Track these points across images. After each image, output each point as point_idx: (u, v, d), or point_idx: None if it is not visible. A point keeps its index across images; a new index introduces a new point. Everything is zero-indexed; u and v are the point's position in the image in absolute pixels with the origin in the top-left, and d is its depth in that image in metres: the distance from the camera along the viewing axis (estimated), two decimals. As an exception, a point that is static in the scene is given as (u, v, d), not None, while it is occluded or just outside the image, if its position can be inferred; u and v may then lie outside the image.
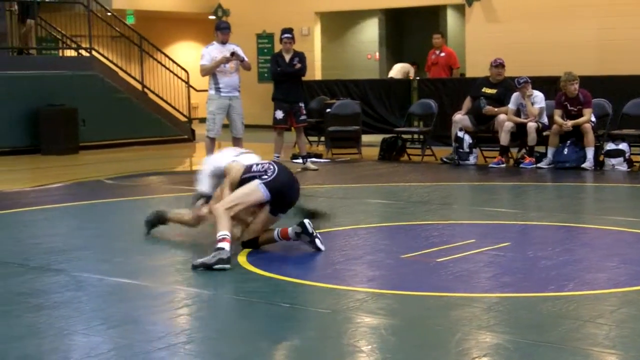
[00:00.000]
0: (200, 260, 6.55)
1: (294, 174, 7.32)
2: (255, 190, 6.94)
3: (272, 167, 7.09)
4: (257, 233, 7.13)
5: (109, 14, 19.61)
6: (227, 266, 6.50)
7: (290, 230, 7.07)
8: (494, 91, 13.56)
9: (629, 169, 12.28)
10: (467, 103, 13.79)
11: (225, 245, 6.59)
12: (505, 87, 13.49)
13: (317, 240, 7.07)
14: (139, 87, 19.09)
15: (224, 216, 6.77)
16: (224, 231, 6.68)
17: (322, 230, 7.88)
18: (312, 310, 5.53)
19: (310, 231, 7.05)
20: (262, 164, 7.17)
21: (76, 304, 5.70)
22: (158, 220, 7.73)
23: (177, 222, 7.79)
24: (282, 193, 7.05)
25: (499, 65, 13.68)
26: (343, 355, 4.68)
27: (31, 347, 4.81)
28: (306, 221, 7.06)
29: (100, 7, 19.39)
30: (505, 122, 13.01)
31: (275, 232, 7.12)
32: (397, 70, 18.95)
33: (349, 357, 4.66)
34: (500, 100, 13.41)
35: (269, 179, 6.96)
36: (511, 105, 13.15)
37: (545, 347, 4.67)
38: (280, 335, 5.16)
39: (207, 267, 6.49)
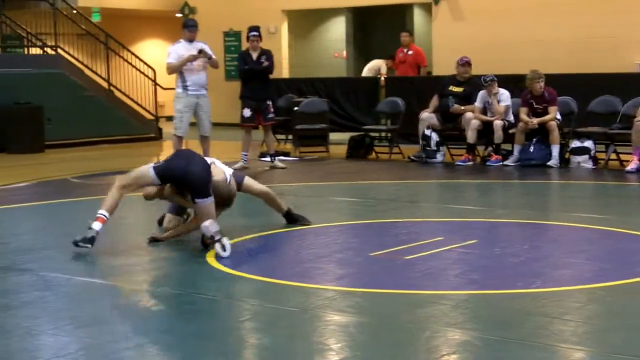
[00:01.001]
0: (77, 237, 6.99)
1: (197, 162, 7.20)
2: (146, 173, 7.17)
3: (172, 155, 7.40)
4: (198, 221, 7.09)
5: (74, 11, 19.47)
6: (88, 245, 6.88)
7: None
8: (460, 89, 13.62)
9: (594, 167, 12.38)
10: (434, 101, 13.84)
11: (96, 225, 6.97)
12: (471, 85, 13.55)
13: (216, 246, 6.87)
14: (105, 85, 18.98)
15: (113, 192, 7.14)
16: (102, 210, 7.06)
17: (290, 229, 7.92)
18: (281, 309, 5.52)
19: (208, 235, 6.90)
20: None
21: (44, 304, 5.67)
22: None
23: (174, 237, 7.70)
24: (173, 179, 7.15)
25: (465, 63, 13.74)
26: (312, 353, 4.68)
27: (-1, 348, 4.79)
28: (217, 247, 6.86)
29: (66, 5, 19.25)
30: (471, 120, 13.07)
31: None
32: (368, 69, 18.94)
33: (318, 355, 4.67)
34: (467, 98, 13.47)
35: (159, 164, 7.19)
36: (477, 104, 13.22)
37: (513, 344, 4.71)
38: (250, 334, 5.16)
39: (75, 244, 6.94)
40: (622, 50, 16.19)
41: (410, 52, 17.20)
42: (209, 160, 7.53)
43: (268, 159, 13.29)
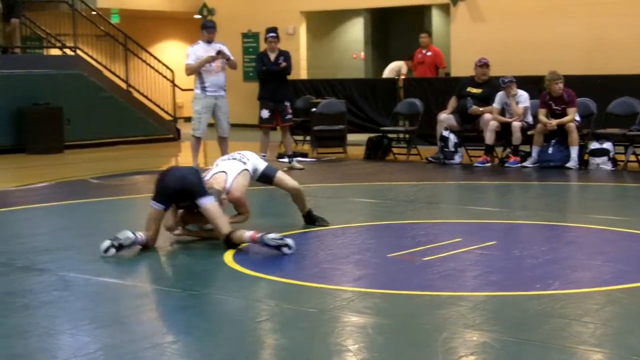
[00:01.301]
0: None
1: (182, 167, 7.55)
2: (150, 209, 7.20)
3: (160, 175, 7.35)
4: (220, 228, 7.12)
5: (93, 13, 19.55)
6: (124, 236, 6.97)
7: (258, 237, 6.97)
8: (479, 91, 13.59)
9: (613, 168, 12.33)
10: (453, 102, 13.83)
11: (139, 235, 7.08)
12: (490, 86, 13.52)
13: (284, 249, 6.91)
14: (124, 86, 19.04)
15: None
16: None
17: (308, 230, 7.93)
18: (299, 310, 5.52)
19: (274, 244, 6.91)
20: None
21: (62, 304, 5.70)
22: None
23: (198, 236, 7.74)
24: (173, 192, 7.13)
25: (483, 65, 13.71)
26: (330, 354, 4.68)
27: (18, 347, 4.80)
28: (269, 237, 6.91)
29: (85, 6, 19.33)
30: (490, 121, 13.05)
31: (247, 235, 7.04)
32: (389, 70, 18.90)
33: (336, 356, 4.67)
34: (486, 99, 13.44)
35: (154, 193, 7.19)
36: (496, 105, 13.19)
37: (532, 346, 4.69)
38: (268, 335, 5.16)
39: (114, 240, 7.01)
40: (641, 51, 16.12)
41: (428, 53, 17.18)
42: (244, 153, 8.04)
43: (286, 160, 13.30)
